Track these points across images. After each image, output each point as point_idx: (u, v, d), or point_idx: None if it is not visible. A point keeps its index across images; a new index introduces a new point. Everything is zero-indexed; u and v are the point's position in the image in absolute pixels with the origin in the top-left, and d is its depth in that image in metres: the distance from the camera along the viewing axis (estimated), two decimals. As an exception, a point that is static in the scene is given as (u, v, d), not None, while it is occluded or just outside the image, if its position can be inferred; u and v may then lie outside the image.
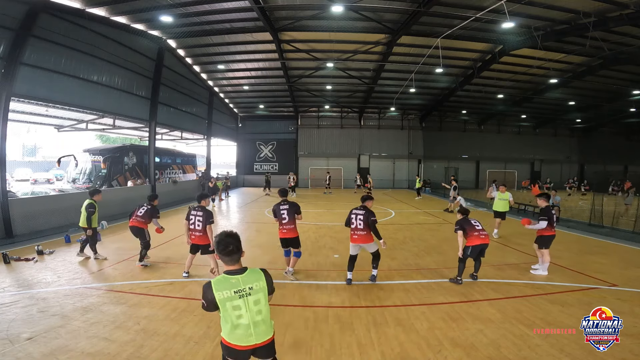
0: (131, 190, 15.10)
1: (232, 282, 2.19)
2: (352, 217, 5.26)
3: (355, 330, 3.94)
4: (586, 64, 16.90)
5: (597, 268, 6.31)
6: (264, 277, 2.30)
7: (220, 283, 2.19)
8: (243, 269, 2.26)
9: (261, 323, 2.26)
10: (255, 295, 2.23)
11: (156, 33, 14.04)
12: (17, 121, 14.95)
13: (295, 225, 5.58)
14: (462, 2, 11.71)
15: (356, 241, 5.21)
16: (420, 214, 13.57)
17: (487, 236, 5.48)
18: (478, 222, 5.56)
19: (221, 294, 2.16)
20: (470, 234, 5.42)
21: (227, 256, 2.20)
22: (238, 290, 2.18)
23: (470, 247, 5.41)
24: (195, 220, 5.39)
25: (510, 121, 28.18)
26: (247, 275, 2.24)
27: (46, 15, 9.56)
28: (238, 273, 2.23)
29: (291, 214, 5.54)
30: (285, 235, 5.54)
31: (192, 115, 19.56)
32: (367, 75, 19.73)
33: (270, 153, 27.78)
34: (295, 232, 5.56)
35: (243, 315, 2.20)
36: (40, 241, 7.72)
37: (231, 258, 2.21)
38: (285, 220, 5.50)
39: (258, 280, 2.26)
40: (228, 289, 2.17)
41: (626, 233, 9.60)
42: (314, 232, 9.64)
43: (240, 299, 2.18)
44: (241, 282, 2.20)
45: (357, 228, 5.18)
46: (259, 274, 2.29)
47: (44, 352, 3.35)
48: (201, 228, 5.34)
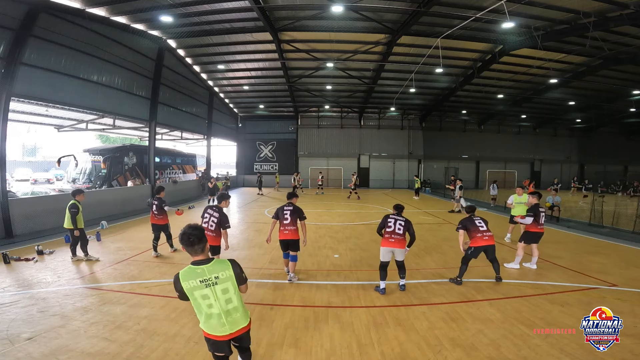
0: (131, 190, 15.10)
1: (197, 272, 2.28)
2: (390, 221, 5.07)
3: (355, 330, 3.94)
4: (586, 64, 16.90)
5: (597, 268, 6.31)
6: (231, 266, 2.36)
7: (186, 274, 2.29)
8: (209, 260, 2.34)
9: (233, 311, 2.35)
10: (223, 284, 2.31)
11: (156, 33, 14.04)
12: (17, 121, 14.95)
13: (297, 227, 5.39)
14: (462, 2, 11.71)
15: (392, 244, 4.96)
16: (420, 214, 13.57)
17: (492, 237, 5.40)
18: (483, 222, 5.46)
19: (187, 283, 2.27)
20: (474, 235, 5.36)
21: (189, 246, 2.28)
22: (204, 280, 2.27)
23: (473, 248, 5.36)
24: (210, 219, 5.14)
25: (510, 121, 28.19)
26: (213, 265, 2.32)
27: (46, 15, 9.55)
28: (203, 263, 2.31)
29: (294, 216, 5.39)
30: (287, 236, 5.35)
31: (192, 115, 19.55)
32: (367, 75, 19.73)
33: (270, 153, 27.79)
34: (297, 235, 5.37)
35: (213, 304, 2.30)
36: (40, 241, 7.72)
37: (194, 249, 2.29)
38: (287, 221, 5.34)
39: (224, 270, 2.33)
40: (194, 279, 2.27)
41: (626, 233, 9.60)
42: (314, 232, 9.64)
43: (207, 288, 2.28)
44: (206, 272, 2.29)
45: (394, 232, 4.99)
46: (226, 264, 2.37)
47: (44, 352, 3.35)
48: (214, 229, 5.10)
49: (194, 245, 2.28)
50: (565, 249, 7.68)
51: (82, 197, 6.70)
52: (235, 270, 2.37)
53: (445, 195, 20.67)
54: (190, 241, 2.26)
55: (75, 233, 6.37)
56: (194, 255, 2.32)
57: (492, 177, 26.58)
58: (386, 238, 5.01)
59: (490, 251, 5.41)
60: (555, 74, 17.38)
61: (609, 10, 11.53)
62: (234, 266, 2.38)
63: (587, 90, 20.47)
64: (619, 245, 8.34)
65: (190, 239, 2.26)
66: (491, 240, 5.37)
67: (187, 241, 2.27)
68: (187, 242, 2.27)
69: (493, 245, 5.40)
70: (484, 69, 17.32)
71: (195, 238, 2.27)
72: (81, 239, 6.52)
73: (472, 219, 5.54)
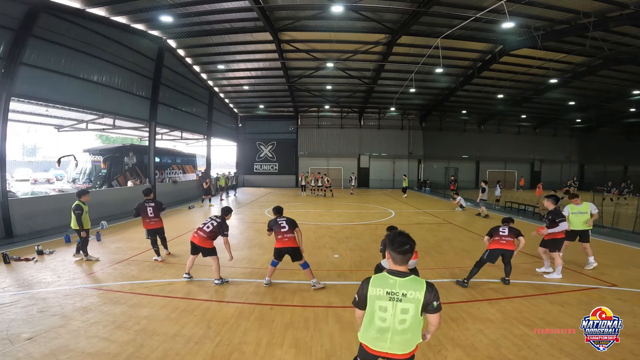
0: (131, 190, 15.09)
1: (389, 282, 2.11)
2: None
3: (355, 330, 3.92)
4: (586, 64, 16.91)
5: (597, 268, 6.30)
6: (425, 291, 2.09)
7: (378, 279, 2.15)
8: (406, 274, 2.13)
9: (401, 333, 2.12)
10: (407, 304, 2.09)
11: (156, 33, 14.04)
12: (17, 121, 14.95)
13: (294, 235, 5.25)
14: (462, 2, 11.71)
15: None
16: (420, 214, 13.57)
17: (510, 242, 5.32)
18: (506, 229, 5.43)
19: (375, 290, 2.13)
20: (493, 239, 5.37)
21: (401, 255, 2.12)
22: (390, 292, 2.10)
23: (488, 251, 5.35)
24: (210, 222, 5.40)
25: (510, 121, 28.21)
26: (407, 281, 2.11)
27: (46, 15, 9.55)
28: (399, 275, 2.12)
29: (291, 225, 5.29)
30: (286, 244, 5.13)
31: (192, 115, 19.55)
32: (367, 75, 19.74)
33: (270, 153, 27.80)
34: (296, 243, 5.23)
35: (387, 318, 2.11)
36: (40, 241, 7.71)
37: (404, 258, 2.12)
38: (285, 229, 5.20)
39: (416, 290, 2.09)
40: (382, 287, 2.12)
41: (626, 233, 9.60)
42: (314, 232, 9.64)
43: (390, 302, 2.10)
44: (397, 285, 2.10)
45: None
46: (420, 285, 2.11)
47: (44, 352, 3.35)
48: (210, 230, 5.29)
49: (406, 254, 2.11)
50: (566, 249, 7.66)
51: (87, 198, 6.71)
52: (427, 296, 2.08)
53: (446, 195, 20.68)
54: (404, 249, 2.10)
55: (82, 234, 6.37)
56: (397, 264, 2.14)
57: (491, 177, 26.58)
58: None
59: (507, 255, 5.36)
60: (555, 74, 17.39)
61: (609, 10, 11.53)
62: (429, 292, 2.10)
63: (587, 90, 20.48)
64: (619, 245, 8.33)
65: (404, 246, 2.10)
66: (507, 245, 5.29)
67: (400, 248, 2.10)
68: (400, 249, 2.10)
69: (511, 250, 5.32)
70: (484, 69, 17.34)
71: (410, 248, 2.12)
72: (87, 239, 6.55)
73: (498, 227, 5.54)
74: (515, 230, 5.43)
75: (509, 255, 5.37)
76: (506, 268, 5.45)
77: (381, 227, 10.69)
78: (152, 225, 6.64)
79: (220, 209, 5.78)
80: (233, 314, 4.33)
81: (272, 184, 26.95)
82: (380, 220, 11.94)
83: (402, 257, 2.11)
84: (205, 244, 5.31)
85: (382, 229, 10.23)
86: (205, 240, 5.31)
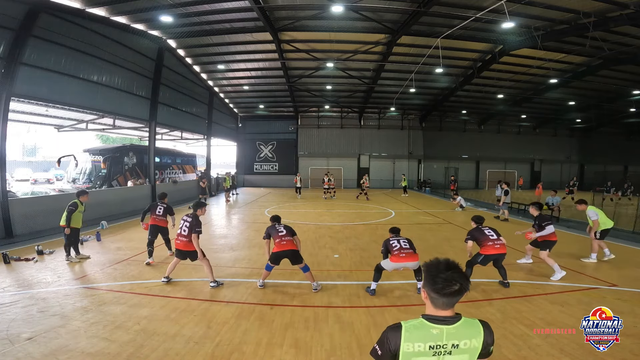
0: (131, 190, 15.10)
1: (432, 334, 1.49)
2: (393, 242, 5.02)
3: (355, 330, 3.94)
4: (586, 64, 16.91)
5: (597, 268, 6.31)
6: (483, 334, 1.55)
7: (415, 330, 1.50)
8: (456, 318, 1.53)
9: None
10: (459, 356, 1.52)
11: (156, 33, 14.04)
12: (17, 121, 14.96)
13: (293, 239, 5.20)
14: (462, 2, 11.71)
15: (404, 260, 4.86)
16: (420, 214, 13.57)
17: (503, 246, 5.25)
18: (493, 232, 5.32)
19: (411, 345, 1.48)
20: (485, 244, 5.23)
21: (447, 298, 1.47)
22: (435, 347, 1.48)
23: (483, 255, 5.22)
24: (184, 225, 5.25)
25: (510, 121, 28.21)
26: (458, 328, 1.51)
27: (46, 15, 9.55)
28: (445, 322, 1.50)
29: (289, 230, 5.25)
30: (284, 247, 5.04)
31: (192, 115, 19.56)
32: (367, 75, 19.74)
33: (270, 153, 27.80)
34: (295, 246, 5.17)
35: None
36: (40, 241, 7.71)
37: (452, 301, 1.49)
38: (283, 233, 5.16)
39: (471, 337, 1.53)
40: (423, 342, 1.48)
41: (626, 233, 9.60)
42: (314, 232, 9.65)
43: (434, 357, 1.49)
44: (444, 336, 1.49)
45: (402, 248, 4.94)
46: (476, 329, 1.56)
47: (44, 352, 3.35)
48: (187, 233, 5.18)
49: (455, 297, 1.47)
50: (566, 249, 7.66)
51: (86, 199, 6.74)
52: (485, 342, 1.56)
53: (447, 195, 20.68)
54: (452, 291, 1.45)
55: (66, 231, 6.32)
56: (437, 307, 1.52)
57: (492, 177, 26.59)
58: (396, 255, 4.89)
59: (500, 259, 5.30)
60: (555, 74, 17.39)
61: (609, 10, 11.53)
62: (487, 335, 1.57)
63: (587, 90, 20.48)
64: (619, 245, 8.32)
65: (452, 286, 1.44)
66: (502, 248, 5.22)
67: (447, 289, 1.44)
68: (446, 290, 1.45)
69: (504, 254, 5.26)
70: (484, 69, 17.33)
71: (461, 289, 1.46)
72: (75, 238, 6.55)
73: (481, 229, 5.39)
74: (496, 231, 5.40)
75: (502, 259, 5.30)
76: (501, 271, 5.37)
77: (381, 227, 10.69)
78: (158, 222, 6.72)
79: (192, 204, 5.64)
80: (233, 314, 4.33)
81: (272, 184, 26.95)
82: (380, 220, 11.94)
83: (449, 301, 1.49)
84: (189, 247, 5.17)
85: (382, 229, 10.25)
86: (188, 244, 5.17)
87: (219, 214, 13.48)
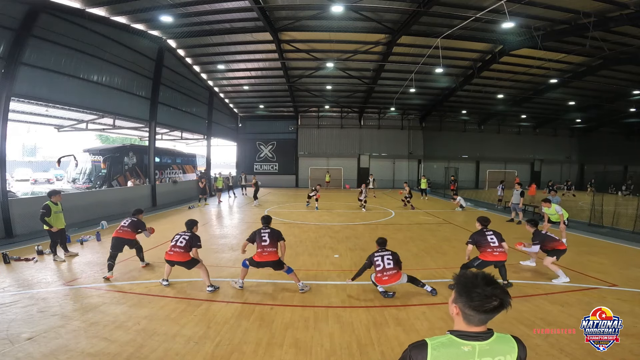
0: (131, 190, 15.10)
1: (463, 352, 1.36)
2: (377, 259, 4.87)
3: (355, 330, 3.94)
4: (586, 64, 16.90)
5: (597, 268, 6.31)
6: (517, 350, 1.44)
7: (444, 348, 1.37)
8: (488, 333, 1.41)
9: None
10: None
11: (156, 33, 14.04)
12: (17, 121, 14.96)
13: (276, 249, 5.10)
14: (462, 2, 11.71)
15: (387, 282, 4.77)
16: (420, 214, 13.56)
17: (503, 253, 5.14)
18: (495, 237, 5.19)
19: None
20: (484, 249, 5.16)
21: (484, 315, 1.36)
22: None
23: (480, 260, 5.15)
24: (180, 238, 5.17)
25: (510, 121, 28.19)
26: (492, 344, 1.39)
27: (46, 15, 9.56)
28: (477, 339, 1.38)
29: (274, 238, 5.12)
30: (265, 258, 5.00)
31: (192, 115, 19.56)
32: (367, 75, 19.73)
33: (270, 153, 27.80)
34: (276, 256, 5.08)
35: None
36: (40, 241, 7.69)
37: (490, 317, 1.38)
38: (266, 243, 5.04)
39: (505, 354, 1.40)
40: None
41: (626, 233, 9.60)
42: (314, 232, 9.65)
43: None
44: (477, 353, 1.36)
45: (385, 269, 4.77)
46: (510, 345, 1.43)
47: (44, 352, 3.35)
48: (184, 245, 5.09)
49: (494, 313, 1.35)
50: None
51: (59, 198, 6.76)
52: (520, 355, 1.44)
53: (445, 195, 20.67)
54: (491, 307, 1.33)
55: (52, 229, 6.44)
56: (470, 323, 1.39)
57: (492, 177, 26.57)
58: (379, 277, 4.80)
59: (498, 266, 5.23)
60: (555, 74, 17.38)
61: (609, 10, 11.53)
62: (521, 349, 1.45)
63: (587, 90, 20.47)
64: (619, 245, 8.33)
65: (491, 302, 1.32)
66: (501, 256, 5.11)
67: (486, 305, 1.33)
68: (485, 306, 1.33)
69: (503, 261, 5.18)
70: (484, 69, 17.32)
71: (502, 303, 1.34)
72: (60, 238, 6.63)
73: (484, 233, 5.27)
74: (499, 235, 5.27)
75: (501, 264, 5.24)
76: (501, 271, 5.31)
77: (381, 227, 10.69)
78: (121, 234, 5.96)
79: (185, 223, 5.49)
80: (233, 314, 4.33)
81: (272, 184, 26.93)
82: (380, 220, 11.94)
83: (487, 318, 1.37)
84: (183, 257, 5.10)
85: (382, 229, 10.26)
86: (183, 254, 5.09)
87: (219, 214, 13.48)
